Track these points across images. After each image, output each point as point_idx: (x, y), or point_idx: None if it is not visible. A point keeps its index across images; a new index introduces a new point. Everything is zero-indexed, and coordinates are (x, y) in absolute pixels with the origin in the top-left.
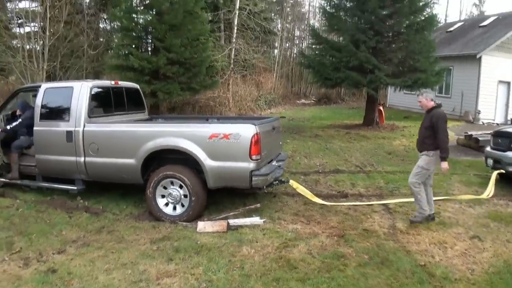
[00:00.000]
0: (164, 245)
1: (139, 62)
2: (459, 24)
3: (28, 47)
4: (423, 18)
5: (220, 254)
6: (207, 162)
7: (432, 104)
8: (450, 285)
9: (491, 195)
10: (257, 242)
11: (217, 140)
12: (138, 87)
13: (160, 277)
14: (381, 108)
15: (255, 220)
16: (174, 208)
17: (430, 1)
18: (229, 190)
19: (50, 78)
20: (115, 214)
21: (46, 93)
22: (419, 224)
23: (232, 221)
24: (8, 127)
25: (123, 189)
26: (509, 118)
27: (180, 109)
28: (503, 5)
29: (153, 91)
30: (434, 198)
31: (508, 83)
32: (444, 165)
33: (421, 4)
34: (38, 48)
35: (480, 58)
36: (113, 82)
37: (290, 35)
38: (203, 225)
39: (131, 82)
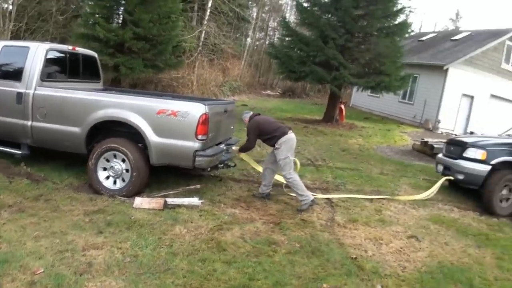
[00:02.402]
0: (97, 218)
1: (104, 33)
2: (432, 35)
3: None
4: (396, 23)
5: (151, 231)
6: (152, 137)
7: (248, 120)
8: (379, 279)
9: (430, 196)
10: (191, 222)
11: (165, 116)
12: (96, 55)
13: (86, 248)
14: (342, 106)
15: (193, 200)
16: (115, 182)
17: (405, 8)
18: (174, 170)
19: (14, 39)
20: (55, 183)
21: (2, 50)
22: (358, 219)
23: (170, 200)
24: None
25: (69, 159)
26: (468, 130)
27: (142, 86)
28: (478, 23)
29: (115, 65)
30: (376, 197)
31: (472, 97)
32: (236, 150)
33: (395, 9)
34: (6, 6)
35: (447, 70)
36: (70, 47)
37: (264, 25)
38: (140, 201)
39: (95, 53)
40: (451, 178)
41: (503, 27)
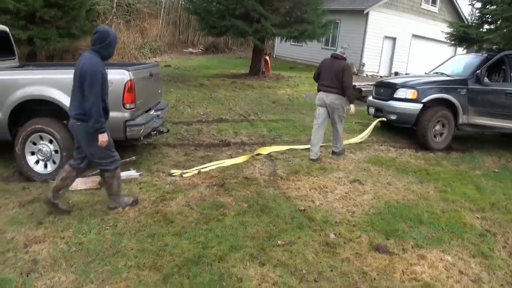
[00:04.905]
0: (33, 208)
1: (14, 4)
2: None
3: None
4: None
5: (92, 213)
6: None
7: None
8: (331, 228)
9: (364, 139)
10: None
11: None
12: (7, 29)
13: (28, 244)
14: (267, 58)
15: (131, 173)
16: (45, 166)
17: None
18: None
19: None
20: None
21: None
22: (299, 170)
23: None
24: None
25: None
26: (392, 71)
27: (59, 58)
28: None
29: (29, 38)
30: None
31: (394, 38)
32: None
33: None
34: None
35: (367, 13)
36: None
37: None
38: (75, 183)
39: (5, 27)
40: (384, 119)
41: None
